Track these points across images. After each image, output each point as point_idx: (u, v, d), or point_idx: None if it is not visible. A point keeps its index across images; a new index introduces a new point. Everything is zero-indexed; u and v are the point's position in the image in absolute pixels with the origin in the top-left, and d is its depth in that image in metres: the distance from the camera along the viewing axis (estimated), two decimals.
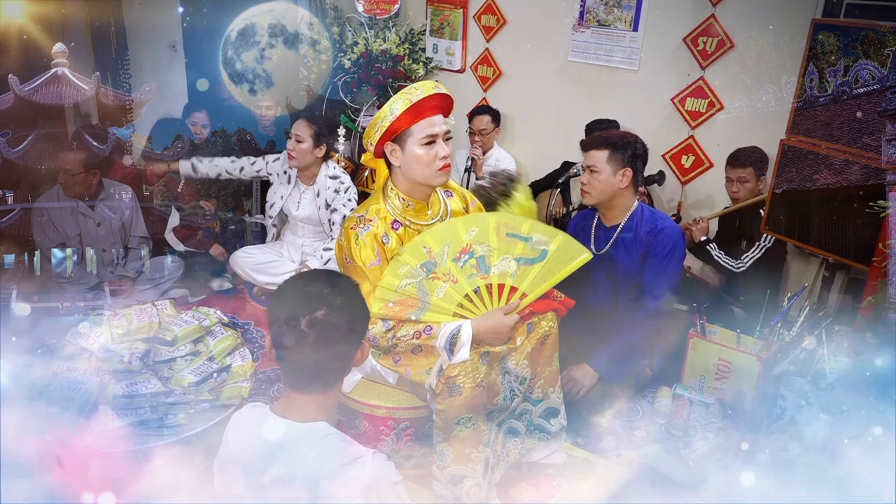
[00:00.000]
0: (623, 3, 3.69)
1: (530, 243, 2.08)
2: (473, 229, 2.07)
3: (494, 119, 4.04)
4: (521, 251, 2.06)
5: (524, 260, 2.05)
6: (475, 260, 2.04)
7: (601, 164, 2.54)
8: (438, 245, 2.03)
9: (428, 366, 1.96)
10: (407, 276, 1.99)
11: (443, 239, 2.04)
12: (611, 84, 3.86)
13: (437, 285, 2.00)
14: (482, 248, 2.05)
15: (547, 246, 2.07)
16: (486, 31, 4.32)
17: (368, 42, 4.34)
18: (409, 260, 2.01)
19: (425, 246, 2.03)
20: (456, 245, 2.04)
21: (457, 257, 2.03)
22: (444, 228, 2.07)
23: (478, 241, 2.06)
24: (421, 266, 2.01)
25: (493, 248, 2.06)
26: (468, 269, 2.03)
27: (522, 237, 2.09)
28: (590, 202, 2.64)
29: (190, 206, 3.81)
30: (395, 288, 1.99)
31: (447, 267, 2.02)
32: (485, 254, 2.05)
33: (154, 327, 2.50)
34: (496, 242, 2.07)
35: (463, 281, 2.02)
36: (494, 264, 2.04)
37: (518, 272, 2.04)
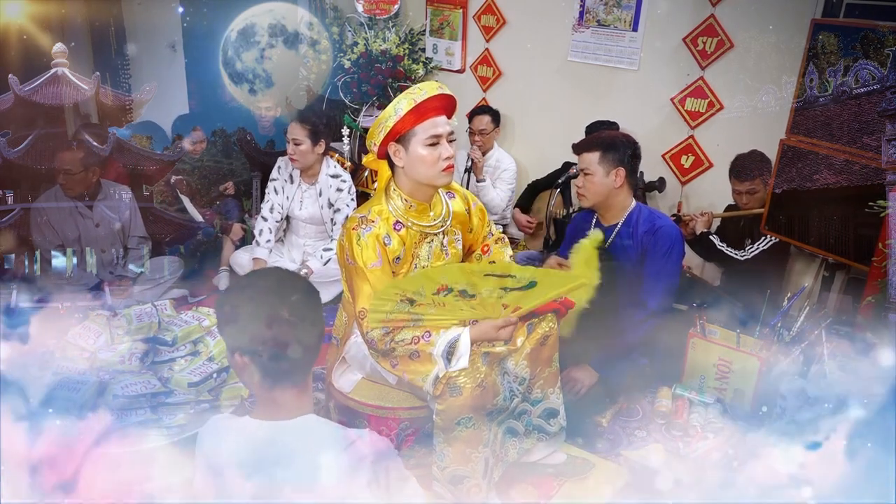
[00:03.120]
0: (623, 3, 3.69)
1: (514, 279, 1.96)
2: (444, 277, 1.93)
3: (494, 119, 4.04)
4: (506, 283, 1.95)
5: (511, 289, 1.96)
6: (457, 292, 1.94)
7: (593, 166, 2.55)
8: (412, 288, 1.92)
9: (425, 373, 1.94)
10: (392, 311, 1.93)
11: (415, 283, 1.93)
12: (610, 84, 3.86)
13: (426, 308, 1.95)
14: (461, 285, 1.94)
15: (535, 279, 1.96)
16: (486, 31, 4.32)
17: (368, 42, 4.34)
18: (388, 299, 1.92)
19: (398, 291, 1.92)
20: (430, 286, 1.92)
21: (436, 292, 1.93)
22: (412, 278, 1.97)
23: (453, 282, 1.93)
24: (403, 300, 1.93)
25: (473, 283, 1.94)
26: (452, 298, 1.95)
27: (503, 275, 1.96)
28: (586, 204, 2.65)
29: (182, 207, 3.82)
30: (384, 317, 1.94)
31: (430, 299, 1.94)
32: (465, 287, 1.94)
33: (154, 327, 2.50)
34: (474, 281, 1.94)
35: (451, 304, 1.96)
36: (479, 293, 1.95)
37: (508, 296, 1.96)
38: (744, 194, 3.17)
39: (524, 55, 4.16)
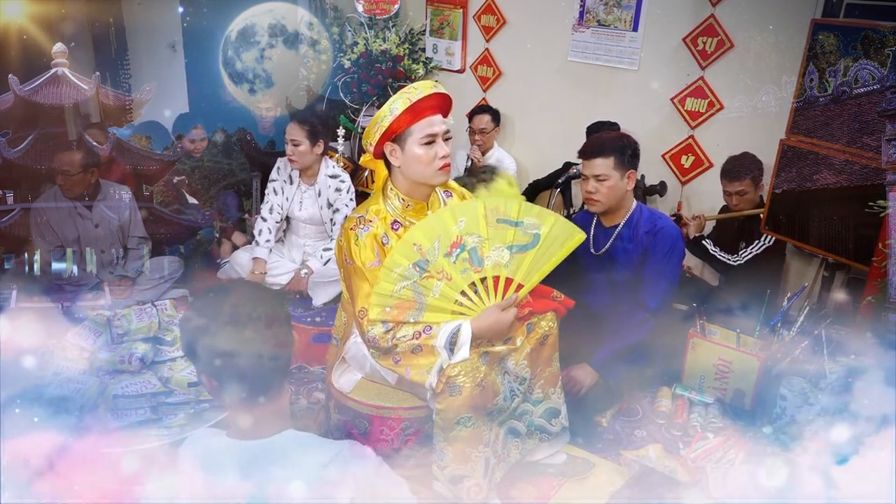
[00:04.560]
0: (623, 3, 3.69)
1: (522, 228, 2.05)
2: (462, 219, 2.03)
3: (494, 118, 4.04)
4: (512, 238, 2.04)
5: (517, 247, 2.03)
6: (467, 253, 2.01)
7: (609, 171, 2.51)
8: (428, 240, 2.00)
9: (428, 366, 1.95)
10: (401, 278, 1.98)
11: (432, 233, 2.01)
12: (611, 84, 3.86)
13: (432, 284, 1.99)
14: (473, 240, 2.02)
15: (539, 230, 2.05)
16: (486, 31, 4.32)
17: (368, 42, 4.34)
18: (400, 260, 1.99)
19: (415, 243, 2.00)
20: (446, 238, 2.01)
21: (448, 252, 2.01)
22: (433, 221, 2.04)
23: (468, 231, 2.02)
24: (414, 266, 1.99)
25: (485, 238, 2.03)
26: (461, 264, 2.01)
27: (513, 222, 2.05)
28: (598, 209, 2.60)
29: (191, 206, 3.82)
30: (391, 293, 1.98)
31: (440, 264, 2.00)
32: (476, 245, 2.02)
33: (154, 327, 2.50)
34: (486, 231, 2.03)
35: (457, 277, 2.01)
36: (487, 255, 2.02)
37: (512, 261, 2.03)
38: (734, 195, 3.19)
39: (524, 55, 4.16)
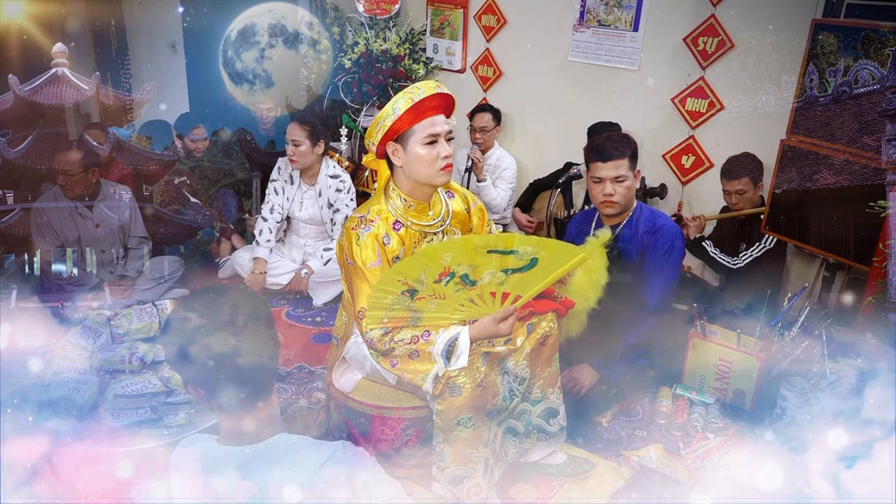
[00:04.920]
0: (623, 3, 3.69)
1: (517, 255, 1.92)
2: (448, 254, 1.87)
3: (495, 117, 4.05)
4: (507, 263, 1.92)
5: (512, 270, 1.93)
6: (458, 278, 1.92)
7: (626, 172, 2.50)
8: (414, 273, 1.89)
9: (424, 372, 1.94)
10: (392, 305, 1.93)
11: (417, 266, 1.89)
12: (611, 84, 3.86)
13: (426, 303, 1.95)
14: (463, 268, 1.91)
15: (537, 254, 1.92)
16: (487, 31, 4.32)
17: (369, 42, 4.34)
18: (389, 291, 1.92)
19: (399, 279, 1.90)
20: (433, 269, 1.89)
21: (437, 279, 1.91)
22: (415, 259, 1.92)
23: (456, 262, 1.90)
24: (403, 293, 1.92)
25: (475, 266, 1.91)
26: (453, 287, 1.93)
27: (506, 251, 1.89)
28: (615, 211, 2.56)
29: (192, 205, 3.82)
30: (385, 313, 1.94)
31: (430, 289, 1.92)
32: (467, 272, 1.92)
33: (154, 327, 2.50)
34: (476, 260, 1.91)
35: (451, 296, 1.95)
36: (480, 277, 1.93)
37: (508, 280, 1.94)
38: (733, 194, 3.19)
39: (525, 55, 4.16)
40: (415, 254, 2.01)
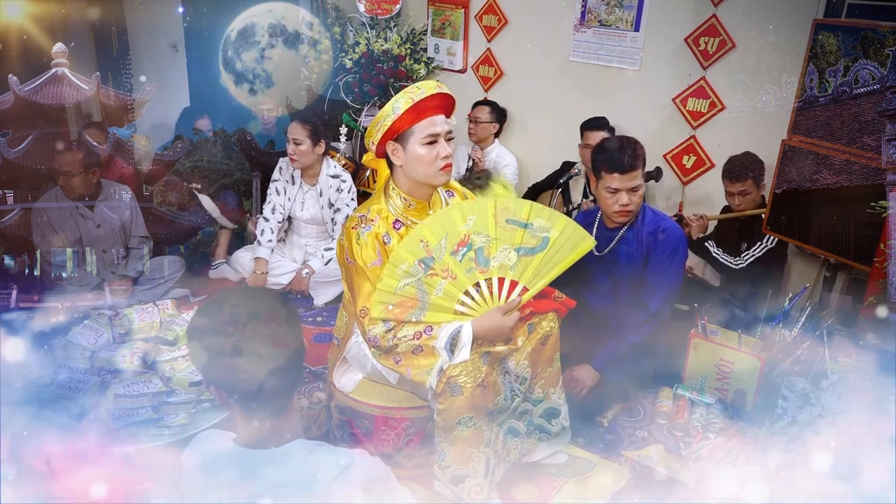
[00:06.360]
0: (624, 3, 3.69)
1: (531, 230, 2.04)
2: (471, 217, 2.02)
3: (493, 112, 4.04)
4: (521, 240, 2.03)
5: (524, 250, 2.02)
6: (473, 253, 2.01)
7: (640, 180, 2.49)
8: (435, 237, 1.99)
9: (428, 366, 1.95)
10: (405, 274, 1.98)
11: (440, 230, 2.00)
12: (612, 84, 3.86)
13: (435, 282, 1.99)
14: (480, 239, 2.02)
15: (549, 233, 2.04)
16: (488, 31, 4.32)
17: (370, 42, 4.34)
18: (406, 256, 1.98)
19: (422, 240, 1.99)
20: (453, 236, 2.00)
21: (454, 250, 2.00)
22: (441, 218, 2.03)
23: (476, 230, 2.02)
24: (419, 262, 1.98)
25: (492, 238, 2.02)
26: (467, 263, 2.00)
27: (522, 223, 2.04)
28: (629, 219, 2.56)
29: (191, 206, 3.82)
30: (394, 289, 1.98)
31: (445, 262, 1.99)
32: (483, 245, 2.01)
33: (155, 327, 2.50)
34: (495, 231, 2.02)
35: (462, 276, 2.00)
36: (493, 256, 2.01)
37: (518, 264, 2.02)
38: (736, 195, 3.19)
39: (525, 55, 4.16)
40: (441, 210, 2.09)
